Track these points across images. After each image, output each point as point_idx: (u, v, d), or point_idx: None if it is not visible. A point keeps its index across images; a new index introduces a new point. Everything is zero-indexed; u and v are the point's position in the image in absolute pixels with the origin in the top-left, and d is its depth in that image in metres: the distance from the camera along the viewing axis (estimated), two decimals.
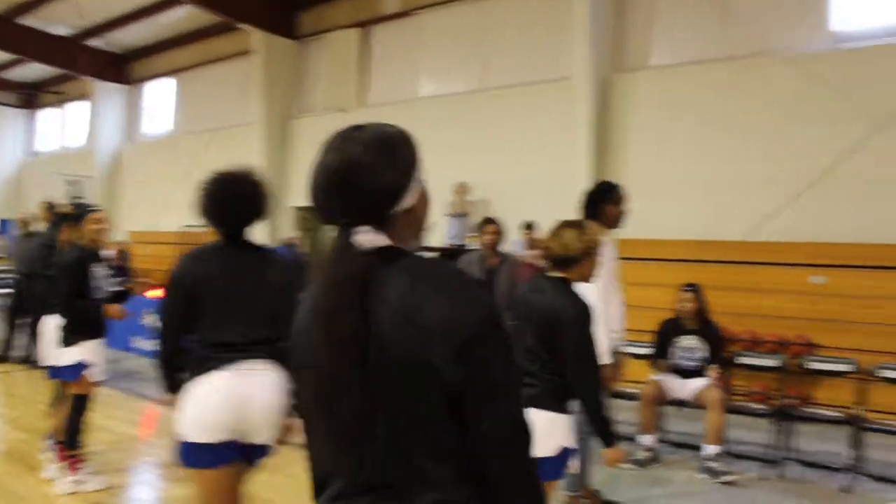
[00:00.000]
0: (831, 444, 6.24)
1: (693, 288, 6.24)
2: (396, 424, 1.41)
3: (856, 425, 5.61)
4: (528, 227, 9.81)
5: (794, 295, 8.22)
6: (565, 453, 3.31)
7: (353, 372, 1.40)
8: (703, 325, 6.19)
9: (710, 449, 5.63)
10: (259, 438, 3.01)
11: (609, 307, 4.48)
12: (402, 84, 13.24)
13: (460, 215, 10.98)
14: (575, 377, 3.27)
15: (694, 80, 9.86)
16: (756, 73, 9.49)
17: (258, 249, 3.19)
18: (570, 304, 3.26)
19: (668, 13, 10.31)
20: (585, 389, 3.30)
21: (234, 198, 3.07)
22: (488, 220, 6.33)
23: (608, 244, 4.44)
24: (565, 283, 3.35)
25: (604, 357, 4.55)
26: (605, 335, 4.42)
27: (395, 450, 1.41)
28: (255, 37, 14.51)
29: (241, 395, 2.93)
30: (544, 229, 9.81)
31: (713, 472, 5.50)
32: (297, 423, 2.66)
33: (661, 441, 6.28)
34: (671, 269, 8.71)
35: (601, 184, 4.84)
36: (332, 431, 1.43)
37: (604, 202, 4.67)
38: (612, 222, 4.72)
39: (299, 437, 1.60)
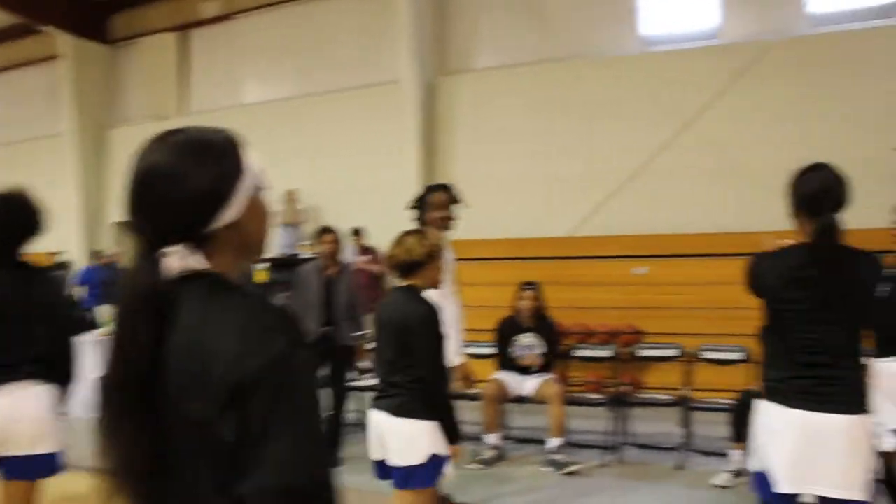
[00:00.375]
0: (664, 426, 6.59)
1: (532, 286, 6.37)
2: (182, 464, 1.22)
3: (684, 406, 5.92)
4: (356, 232, 9.73)
5: (619, 286, 8.62)
6: (437, 460, 3.27)
7: (132, 412, 1.22)
8: (540, 322, 6.33)
9: (553, 442, 5.76)
10: (19, 450, 2.95)
11: (450, 310, 4.46)
12: (225, 90, 12.77)
13: (291, 224, 10.71)
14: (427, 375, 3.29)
15: (515, 81, 10.15)
16: (571, 75, 9.90)
17: (27, 269, 3.08)
18: (418, 307, 3.30)
19: (488, 17, 10.55)
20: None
21: None
22: (326, 230, 6.17)
23: (447, 248, 4.42)
24: (413, 290, 3.38)
25: (455, 359, 4.55)
26: (455, 338, 4.41)
27: (183, 491, 1.23)
28: (62, 40, 13.49)
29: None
30: (377, 235, 9.85)
31: (557, 465, 5.63)
32: None
33: (506, 438, 6.37)
34: (501, 268, 8.90)
35: (431, 187, 4.81)
36: (117, 462, 1.25)
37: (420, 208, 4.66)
38: (443, 224, 4.70)
39: None
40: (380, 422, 3.36)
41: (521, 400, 6.19)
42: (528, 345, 6.28)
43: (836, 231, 2.62)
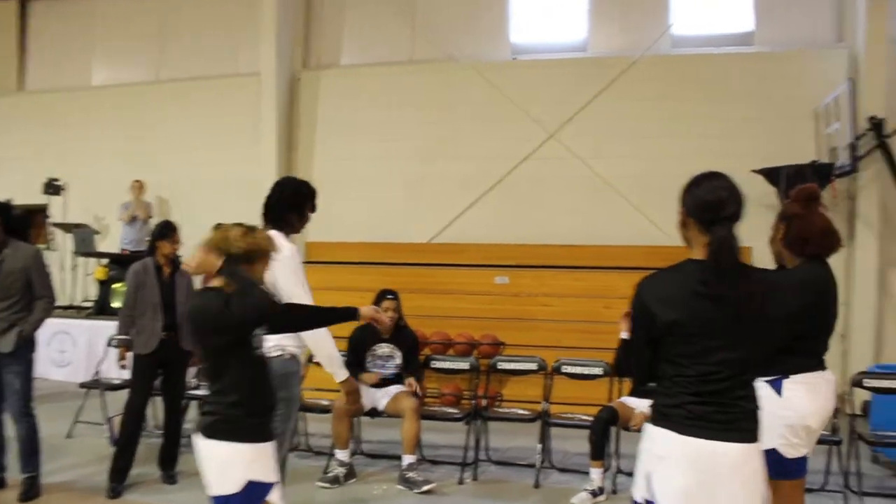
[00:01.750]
0: (522, 441, 6.41)
1: (394, 295, 6.00)
2: None
3: (543, 421, 5.74)
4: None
5: (480, 296, 8.44)
6: (257, 489, 2.82)
7: None
8: (398, 332, 5.99)
9: (408, 459, 5.42)
10: None
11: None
12: (71, 70, 11.62)
13: (137, 218, 9.89)
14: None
15: (381, 81, 9.83)
16: (440, 78, 9.69)
17: None
18: (213, 303, 2.87)
19: (356, 14, 10.18)
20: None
21: None
22: (172, 227, 5.59)
23: (292, 248, 3.98)
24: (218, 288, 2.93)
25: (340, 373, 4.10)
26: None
27: None
28: None
29: None
30: None
31: (411, 483, 5.30)
32: None
33: (358, 453, 6.00)
34: (359, 272, 8.55)
35: (302, 184, 4.30)
36: None
37: (306, 207, 4.19)
38: (300, 224, 4.25)
39: None
40: (196, 444, 2.90)
41: (374, 413, 5.81)
42: (385, 355, 5.93)
43: (736, 243, 2.39)
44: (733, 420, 2.35)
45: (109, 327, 7.29)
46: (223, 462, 2.82)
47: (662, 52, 9.18)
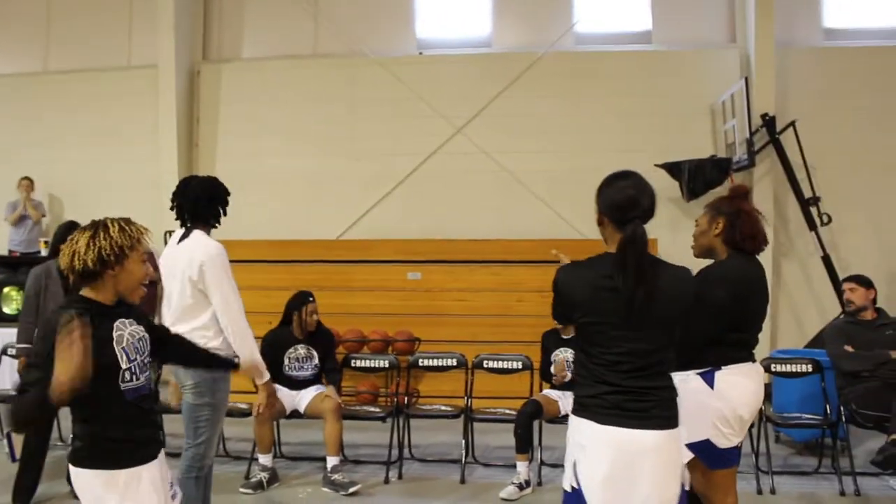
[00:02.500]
0: (443, 436, 6.42)
1: (313, 296, 5.86)
2: None
3: (466, 417, 5.77)
4: None
5: (392, 292, 8.38)
6: None
7: None
8: (314, 332, 5.87)
9: (332, 461, 5.34)
10: None
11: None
12: None
13: (26, 217, 9.30)
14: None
15: (284, 75, 9.60)
16: (345, 73, 9.56)
17: None
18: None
19: (259, 4, 9.89)
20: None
21: None
22: (76, 227, 5.27)
23: (219, 247, 3.84)
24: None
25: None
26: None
27: None
28: None
29: None
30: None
31: (337, 485, 5.22)
32: None
33: (278, 456, 5.86)
34: (267, 271, 8.34)
35: (215, 181, 4.13)
36: None
37: (224, 203, 4.04)
38: (217, 222, 4.11)
39: None
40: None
41: (296, 415, 5.69)
42: (301, 356, 5.80)
43: (643, 240, 2.55)
44: (648, 408, 2.48)
45: (1, 335, 6.84)
46: (92, 493, 2.50)
47: (566, 48, 9.35)
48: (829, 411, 5.55)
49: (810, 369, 5.65)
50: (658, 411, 2.50)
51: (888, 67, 8.81)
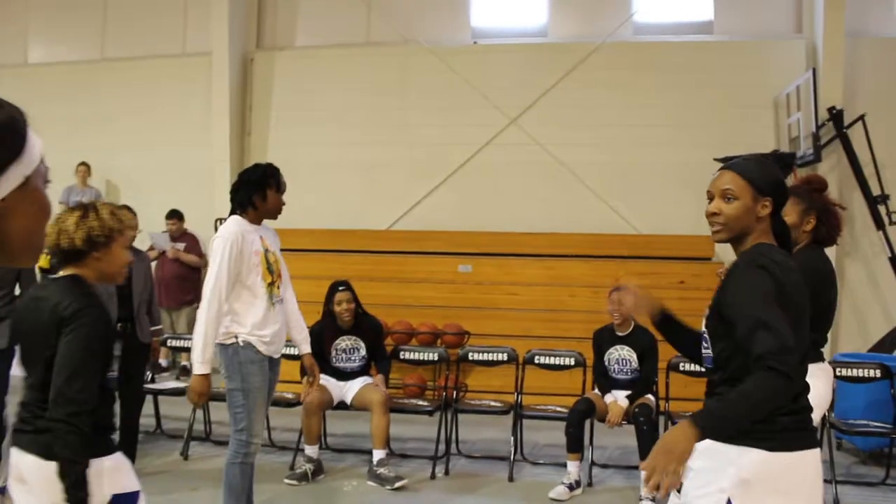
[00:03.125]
0: (491, 432, 6.31)
1: (345, 286, 5.76)
2: None
3: (516, 413, 5.64)
4: (173, 215, 8.78)
5: (443, 284, 8.30)
6: (124, 500, 2.45)
7: None
8: (358, 321, 5.79)
9: (378, 454, 5.26)
10: None
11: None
12: (5, 47, 10.97)
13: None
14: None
15: (337, 63, 9.54)
16: (398, 62, 9.48)
17: None
18: (73, 301, 2.39)
19: None
20: None
21: None
22: (128, 210, 5.32)
23: (228, 231, 3.84)
24: (75, 280, 2.49)
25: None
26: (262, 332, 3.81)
27: None
28: None
29: None
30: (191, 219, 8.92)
31: (383, 480, 5.14)
32: None
33: (324, 448, 5.81)
34: (316, 260, 8.32)
35: (256, 167, 4.13)
36: None
37: (264, 186, 4.00)
38: (271, 212, 4.07)
39: None
40: (22, 466, 2.38)
41: (343, 406, 5.63)
42: (348, 347, 5.73)
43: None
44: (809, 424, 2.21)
45: None
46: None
47: (624, 38, 9.12)
48: None
49: (879, 374, 5.39)
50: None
51: None
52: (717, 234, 2.25)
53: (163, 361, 8.15)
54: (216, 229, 9.09)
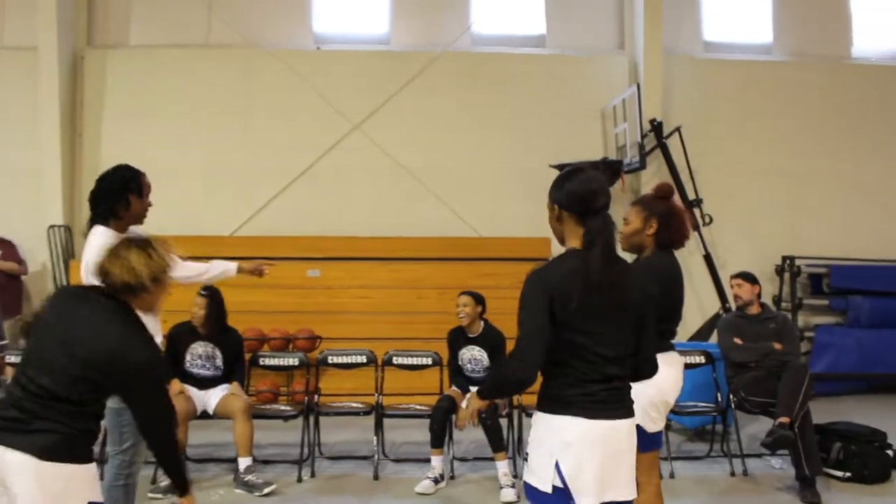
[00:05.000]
0: (349, 434, 6.43)
1: (209, 293, 5.70)
2: None
3: (378, 413, 5.78)
4: None
5: (292, 289, 8.28)
6: None
7: None
8: (221, 333, 5.74)
9: (244, 462, 5.23)
10: None
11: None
12: None
13: None
14: (149, 428, 2.72)
15: (176, 64, 9.25)
16: (239, 64, 9.33)
17: None
18: (137, 342, 2.62)
19: None
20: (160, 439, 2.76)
21: None
22: None
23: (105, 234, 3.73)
24: (126, 310, 2.67)
25: None
26: None
27: None
28: None
29: None
30: (8, 227, 8.30)
31: (251, 486, 5.13)
32: None
33: (188, 459, 5.68)
34: None
35: (116, 172, 3.95)
36: None
37: (126, 192, 3.86)
38: (136, 218, 3.95)
39: None
40: (8, 464, 2.45)
41: (205, 416, 5.55)
42: (204, 354, 5.65)
43: (612, 234, 2.57)
44: (622, 399, 2.59)
45: None
46: (65, 485, 2.47)
47: (463, 48, 9.49)
48: (719, 399, 5.94)
49: (703, 360, 6.02)
50: (628, 401, 2.61)
51: (756, 80, 9.49)
52: None
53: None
54: (49, 236, 8.60)
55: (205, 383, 5.60)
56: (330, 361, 6.15)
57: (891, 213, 9.60)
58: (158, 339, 3.70)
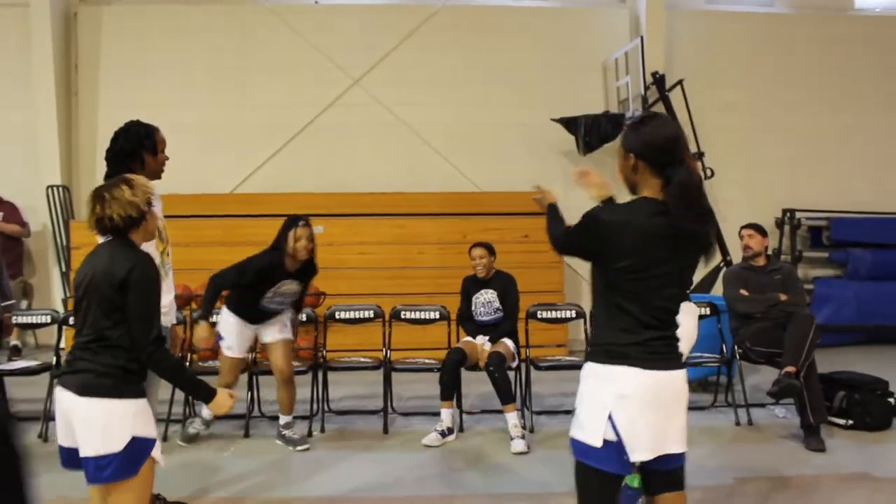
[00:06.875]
0: (354, 388, 6.48)
1: (307, 222, 5.32)
2: None
3: (386, 368, 5.82)
4: None
5: None
6: (140, 445, 2.72)
7: None
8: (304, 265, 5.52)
9: (284, 419, 5.26)
10: None
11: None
12: None
13: None
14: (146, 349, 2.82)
15: (171, 21, 9.15)
16: (235, 20, 9.22)
17: None
18: (139, 260, 2.84)
19: None
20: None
21: None
22: None
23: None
24: (128, 242, 2.91)
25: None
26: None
27: None
28: None
29: None
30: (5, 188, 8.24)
31: (288, 441, 5.18)
32: None
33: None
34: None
35: (127, 132, 3.91)
36: None
37: (140, 150, 3.83)
38: (152, 174, 3.91)
39: None
40: (64, 402, 2.77)
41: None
42: (289, 292, 5.45)
43: (700, 185, 2.44)
44: (674, 349, 2.51)
45: None
46: (105, 420, 2.68)
47: (463, 2, 9.37)
48: (724, 350, 5.99)
49: (708, 312, 6.06)
50: (677, 352, 2.53)
51: (759, 33, 9.41)
52: None
53: (15, 342, 7.57)
54: (48, 196, 8.54)
55: (267, 315, 5.27)
56: (338, 317, 6.16)
57: (891, 166, 9.61)
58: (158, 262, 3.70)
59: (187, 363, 5.90)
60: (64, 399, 2.75)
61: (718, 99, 9.13)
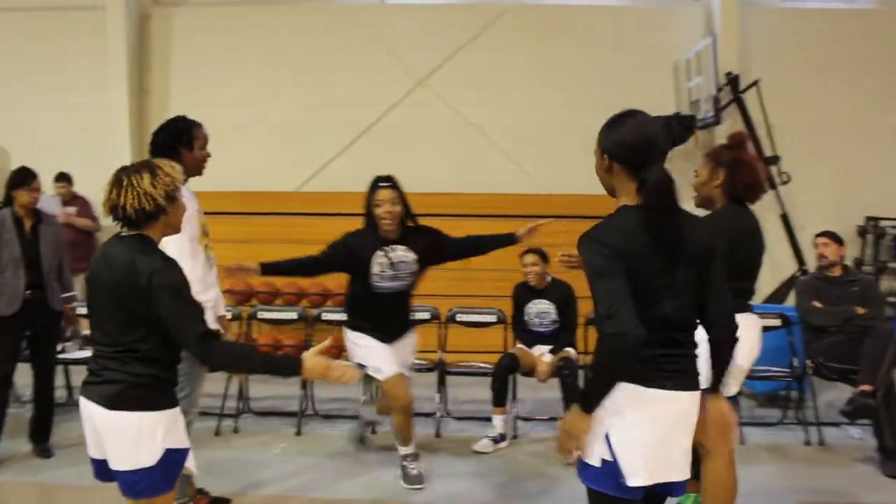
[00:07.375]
0: (415, 391, 6.38)
1: (391, 181, 5.25)
2: None
3: (441, 370, 5.73)
4: (62, 178, 8.31)
5: None
6: (173, 457, 2.60)
7: None
8: (410, 232, 5.32)
9: (403, 450, 5.17)
10: None
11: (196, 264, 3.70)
12: None
13: None
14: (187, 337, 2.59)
15: (240, 21, 9.22)
16: (303, 20, 9.24)
17: None
18: (158, 265, 2.58)
19: None
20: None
21: None
22: (30, 174, 5.03)
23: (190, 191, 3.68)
24: (144, 240, 2.65)
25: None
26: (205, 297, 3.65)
27: None
28: None
29: None
30: (79, 183, 8.45)
31: (406, 474, 5.08)
32: None
33: (250, 412, 5.76)
34: (225, 223, 8.09)
35: (168, 127, 3.91)
36: None
37: (177, 145, 3.81)
38: (191, 170, 3.89)
39: None
40: (93, 414, 2.61)
41: None
42: (398, 260, 5.29)
43: (672, 188, 2.26)
44: (684, 367, 2.32)
45: None
46: (136, 433, 2.54)
47: (532, 1, 9.21)
48: (795, 364, 5.68)
49: (779, 324, 5.76)
50: (692, 371, 2.34)
51: (840, 29, 8.95)
52: None
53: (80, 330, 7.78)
54: None
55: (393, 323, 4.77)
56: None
57: None
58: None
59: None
60: (92, 411, 2.61)
61: (796, 100, 8.71)
